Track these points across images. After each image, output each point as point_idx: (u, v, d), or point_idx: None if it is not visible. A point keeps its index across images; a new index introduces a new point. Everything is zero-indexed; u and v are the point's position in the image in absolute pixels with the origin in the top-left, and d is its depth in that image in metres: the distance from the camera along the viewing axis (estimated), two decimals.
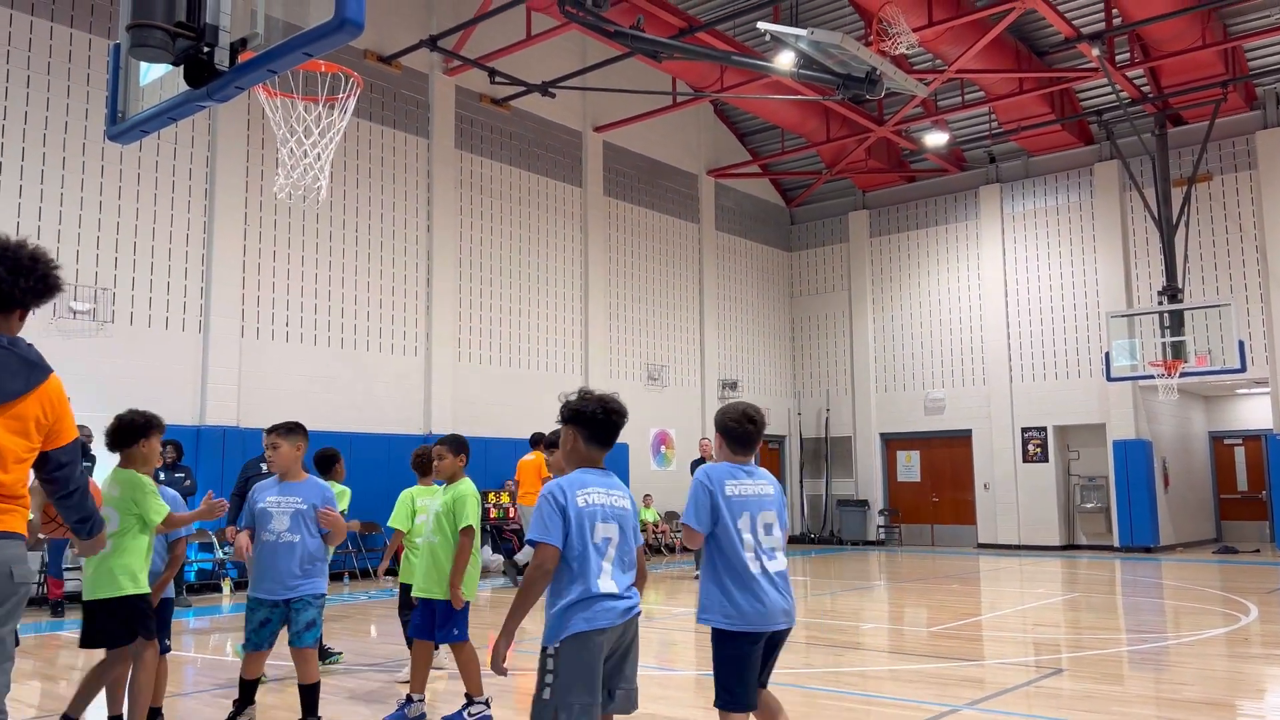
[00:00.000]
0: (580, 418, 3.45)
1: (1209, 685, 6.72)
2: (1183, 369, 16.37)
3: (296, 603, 4.96)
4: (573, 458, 3.47)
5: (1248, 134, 18.10)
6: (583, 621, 3.22)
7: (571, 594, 3.24)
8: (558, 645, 3.22)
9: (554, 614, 3.26)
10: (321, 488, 5.18)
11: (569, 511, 3.27)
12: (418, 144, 15.76)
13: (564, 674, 3.20)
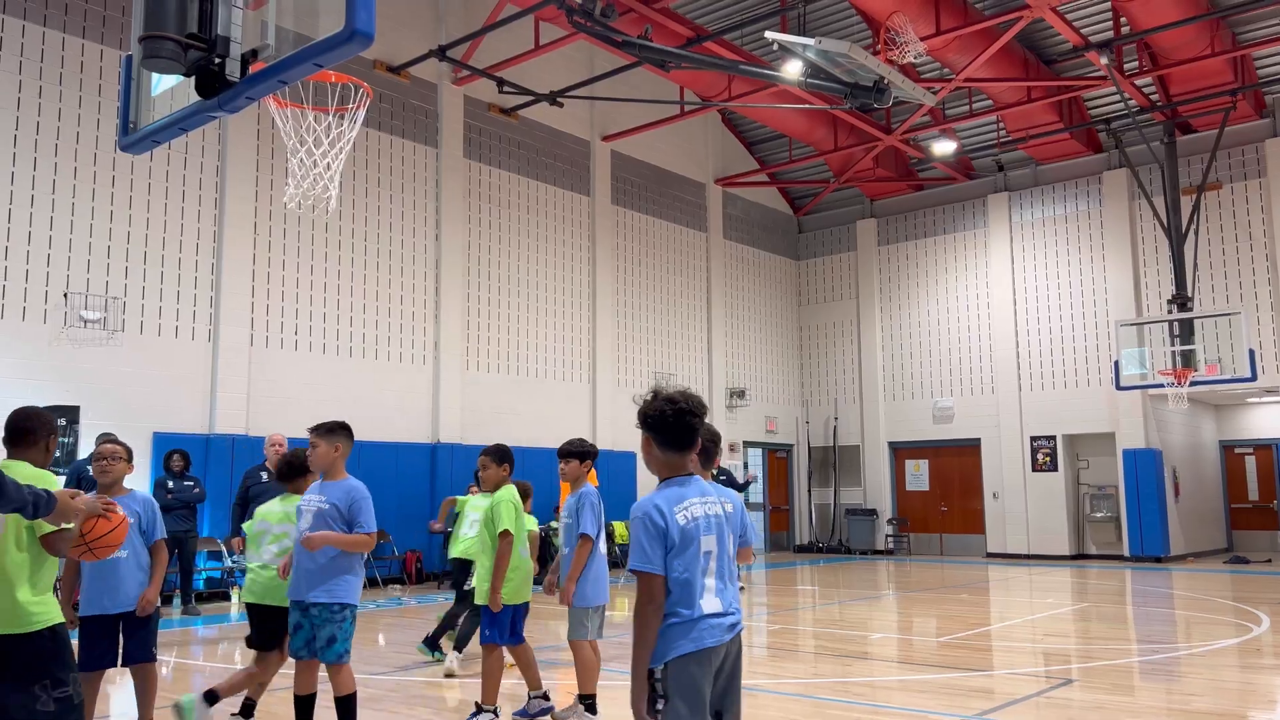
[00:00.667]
0: (648, 422, 3.18)
1: (1220, 696, 6.68)
2: (1193, 378, 16.30)
3: (316, 616, 4.85)
4: (655, 464, 3.22)
5: (1257, 142, 18.05)
6: (689, 643, 3.04)
7: (676, 617, 3.04)
8: (664, 667, 3.02)
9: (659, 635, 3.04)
10: (350, 490, 4.96)
11: (671, 533, 3.04)
12: (426, 153, 15.82)
13: (674, 699, 3.01)
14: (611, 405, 18.26)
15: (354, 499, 4.93)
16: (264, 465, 9.29)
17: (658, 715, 2.99)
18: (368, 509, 4.95)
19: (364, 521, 4.90)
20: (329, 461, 5.01)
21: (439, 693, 6.71)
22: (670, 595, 3.03)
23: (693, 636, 3.03)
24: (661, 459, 3.18)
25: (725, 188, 21.60)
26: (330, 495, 4.95)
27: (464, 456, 15.37)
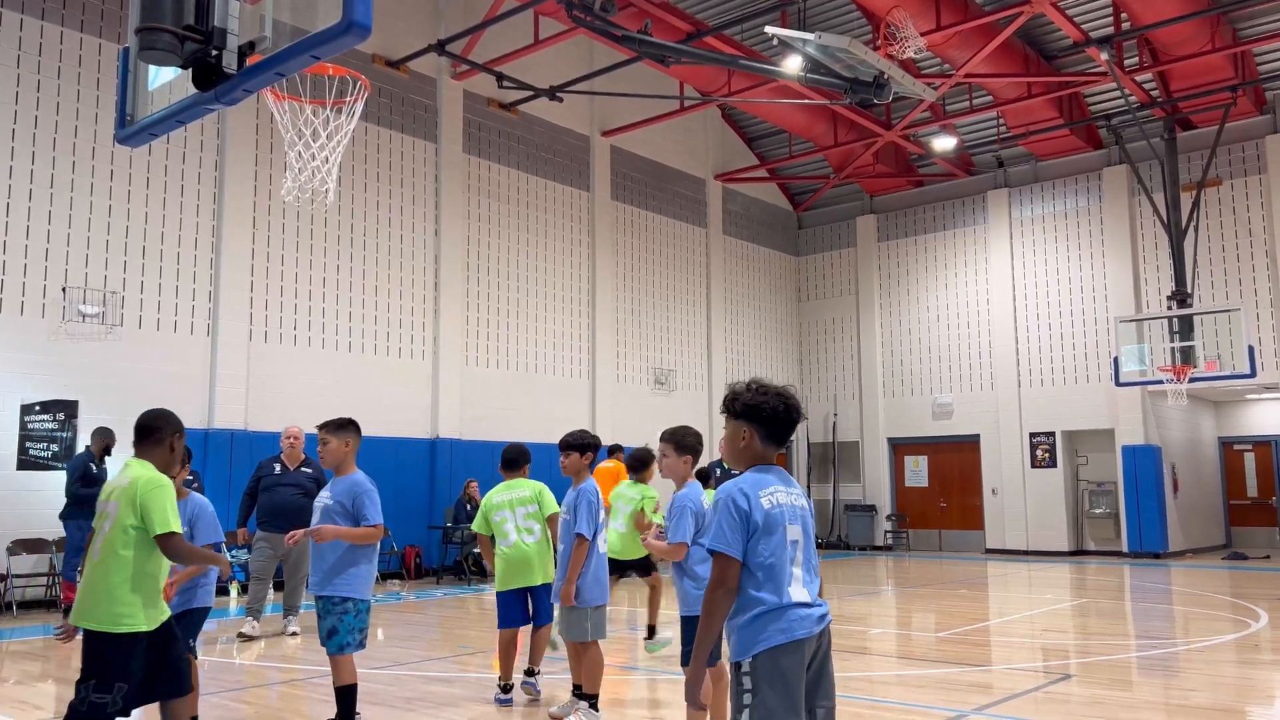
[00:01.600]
0: (759, 414, 3.14)
1: (1218, 692, 6.68)
2: (1192, 374, 16.30)
3: (321, 606, 5.01)
4: (745, 456, 3.16)
5: (1257, 138, 18.04)
6: (779, 633, 2.93)
7: (763, 604, 2.95)
8: (753, 659, 2.93)
9: (742, 624, 2.97)
10: (355, 484, 5.05)
11: (754, 516, 2.99)
12: (426, 148, 15.80)
13: (764, 691, 2.91)
14: (611, 401, 18.25)
15: (357, 493, 5.02)
16: (278, 457, 9.30)
17: (744, 711, 2.90)
18: (371, 501, 5.02)
19: (368, 515, 5.00)
20: (341, 457, 5.15)
21: (436, 689, 6.72)
22: (756, 580, 2.97)
23: (783, 627, 2.95)
24: (758, 451, 3.15)
25: (725, 183, 21.58)
26: (336, 491, 5.08)
27: (463, 452, 15.38)
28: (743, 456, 3.17)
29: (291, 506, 8.85)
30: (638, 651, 8.19)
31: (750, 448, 3.15)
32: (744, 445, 3.16)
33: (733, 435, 3.18)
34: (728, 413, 3.20)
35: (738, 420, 3.17)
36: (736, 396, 3.19)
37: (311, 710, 6.15)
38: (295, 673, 7.35)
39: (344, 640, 4.95)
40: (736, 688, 2.95)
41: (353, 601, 4.97)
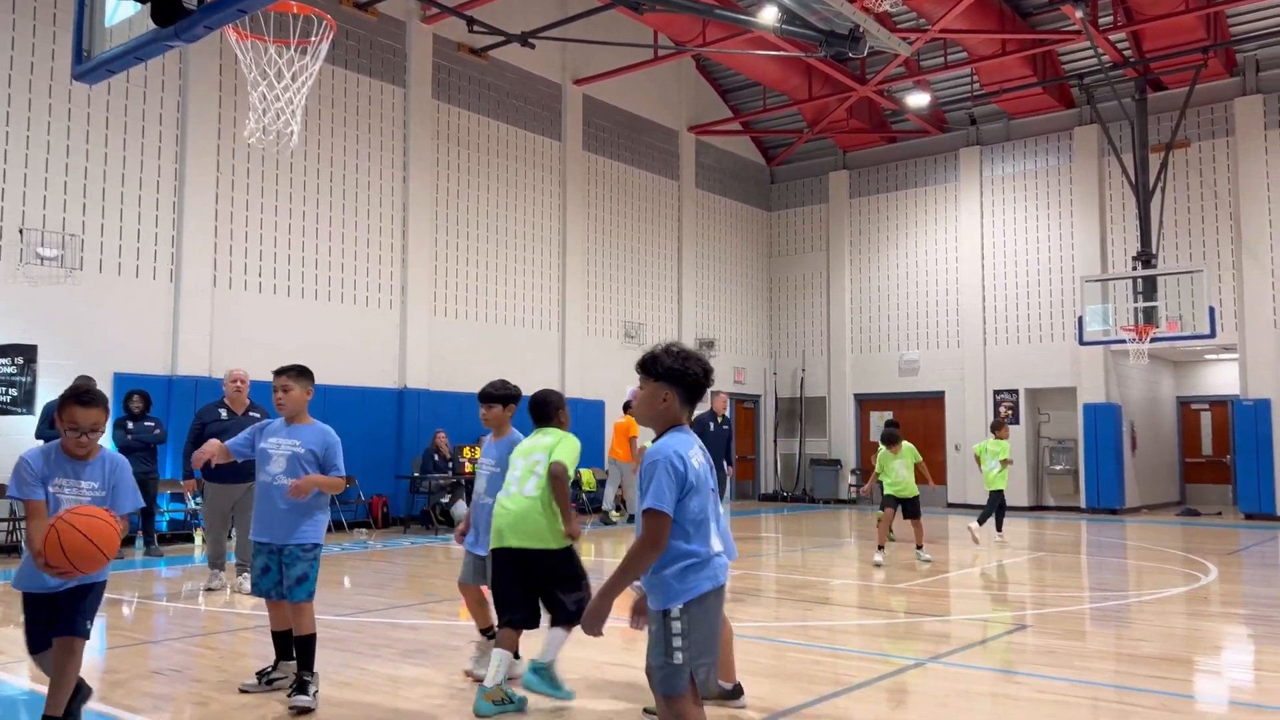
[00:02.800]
0: (682, 378, 3.30)
1: (1168, 642, 6.87)
2: (1154, 334, 16.56)
3: (287, 555, 4.91)
4: (664, 416, 3.32)
5: (1226, 100, 18.15)
6: (707, 580, 3.18)
7: (695, 556, 3.17)
8: (684, 606, 3.14)
9: (671, 575, 3.16)
10: (326, 434, 5.06)
11: (689, 476, 3.18)
12: (394, 93, 15.52)
13: (694, 633, 3.14)
14: (580, 353, 18.23)
15: (329, 442, 5.05)
16: (222, 402, 8.75)
17: (676, 653, 3.11)
18: (340, 452, 5.09)
19: (338, 465, 5.04)
20: (302, 405, 5.11)
21: (400, 634, 6.75)
22: (688, 535, 3.17)
23: (710, 574, 3.19)
24: (676, 412, 3.31)
25: (698, 136, 21.42)
26: (304, 439, 5.03)
27: (431, 402, 15.33)
28: (662, 417, 3.32)
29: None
30: None
31: (670, 409, 3.31)
32: (664, 407, 3.31)
33: (652, 396, 3.31)
34: (647, 374, 3.32)
35: (658, 382, 3.30)
36: (657, 359, 3.32)
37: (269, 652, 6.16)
38: (250, 620, 7.36)
39: (313, 587, 4.94)
40: (665, 633, 3.13)
41: (320, 547, 5.02)
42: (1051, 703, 5.13)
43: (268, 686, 5.03)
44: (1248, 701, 5.36)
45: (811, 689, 5.26)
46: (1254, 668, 6.25)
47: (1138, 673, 5.89)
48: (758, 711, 4.79)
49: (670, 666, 3.12)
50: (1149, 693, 5.32)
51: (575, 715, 4.76)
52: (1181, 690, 5.50)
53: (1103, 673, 5.89)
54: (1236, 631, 7.46)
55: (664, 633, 3.15)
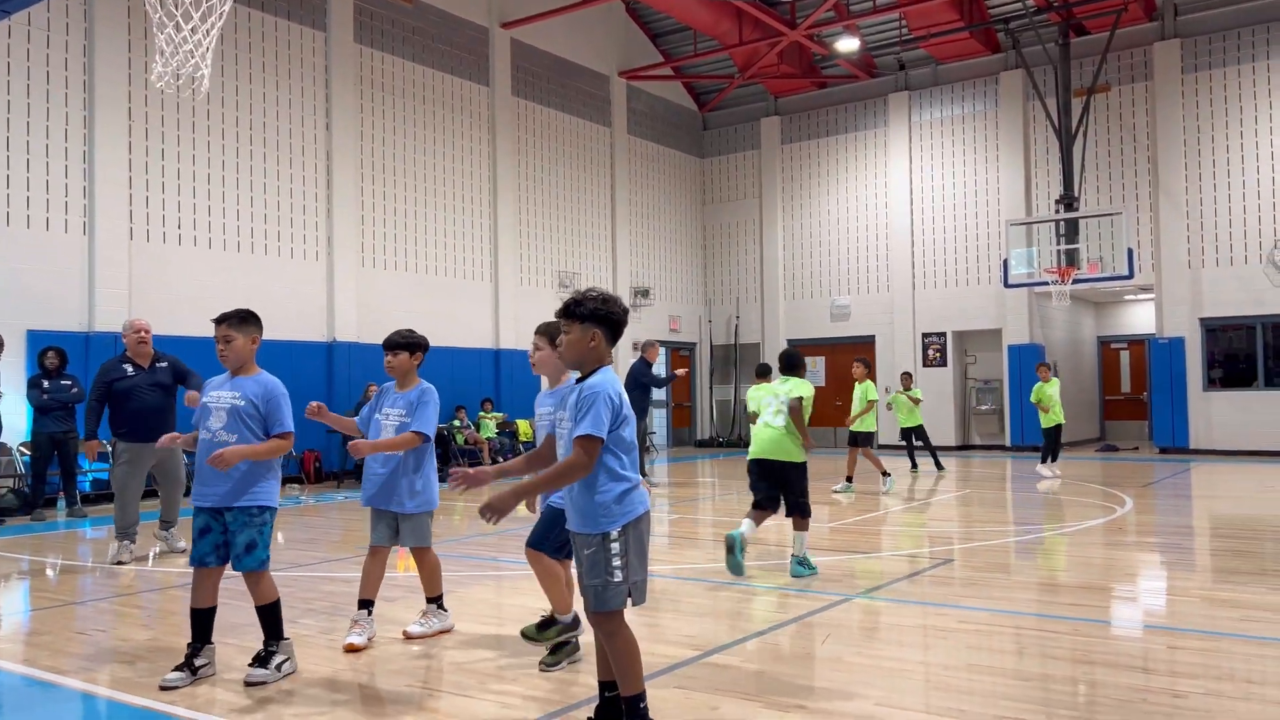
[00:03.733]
0: (608, 320, 3.54)
1: (1086, 571, 7.15)
2: (1075, 276, 16.98)
3: (232, 520, 4.47)
4: (593, 356, 3.54)
5: (1145, 45, 18.49)
6: (640, 504, 3.48)
7: (629, 482, 3.46)
8: (623, 528, 3.41)
9: (613, 500, 3.41)
10: (271, 387, 4.58)
11: (623, 410, 3.46)
12: (314, 37, 15.02)
13: (631, 554, 3.42)
14: (514, 303, 18.08)
15: (273, 396, 4.58)
16: (125, 356, 7.95)
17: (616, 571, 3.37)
18: (287, 407, 4.62)
19: (285, 421, 4.58)
20: (248, 356, 4.65)
21: (334, 588, 6.71)
22: (623, 462, 3.46)
23: (641, 498, 3.50)
24: (603, 352, 3.55)
25: (629, 81, 21.18)
26: (247, 391, 4.56)
27: (360, 355, 15.09)
28: (591, 357, 3.55)
29: (158, 409, 7.81)
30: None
31: (599, 349, 3.54)
32: (593, 346, 3.53)
33: (581, 338, 3.52)
34: (572, 318, 3.53)
35: (585, 324, 3.52)
36: (581, 303, 3.53)
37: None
38: (178, 578, 7.24)
39: (265, 555, 4.50)
40: (605, 554, 3.39)
41: (271, 510, 4.57)
42: (973, 632, 5.31)
43: (193, 677, 4.44)
44: (1159, 625, 5.61)
45: (743, 626, 5.37)
46: (1166, 593, 6.54)
47: (1056, 601, 6.12)
48: (690, 650, 4.87)
49: (610, 585, 3.38)
50: (1066, 619, 5.53)
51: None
52: (1097, 616, 5.73)
53: (1023, 602, 6.10)
54: (1150, 559, 7.78)
55: (604, 554, 3.39)
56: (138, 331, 7.95)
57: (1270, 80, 17.41)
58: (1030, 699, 4.08)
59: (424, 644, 5.11)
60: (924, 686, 4.36)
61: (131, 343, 7.97)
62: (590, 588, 3.41)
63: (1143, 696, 4.07)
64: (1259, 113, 17.50)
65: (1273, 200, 17.34)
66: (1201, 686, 4.21)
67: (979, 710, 3.97)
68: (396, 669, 4.68)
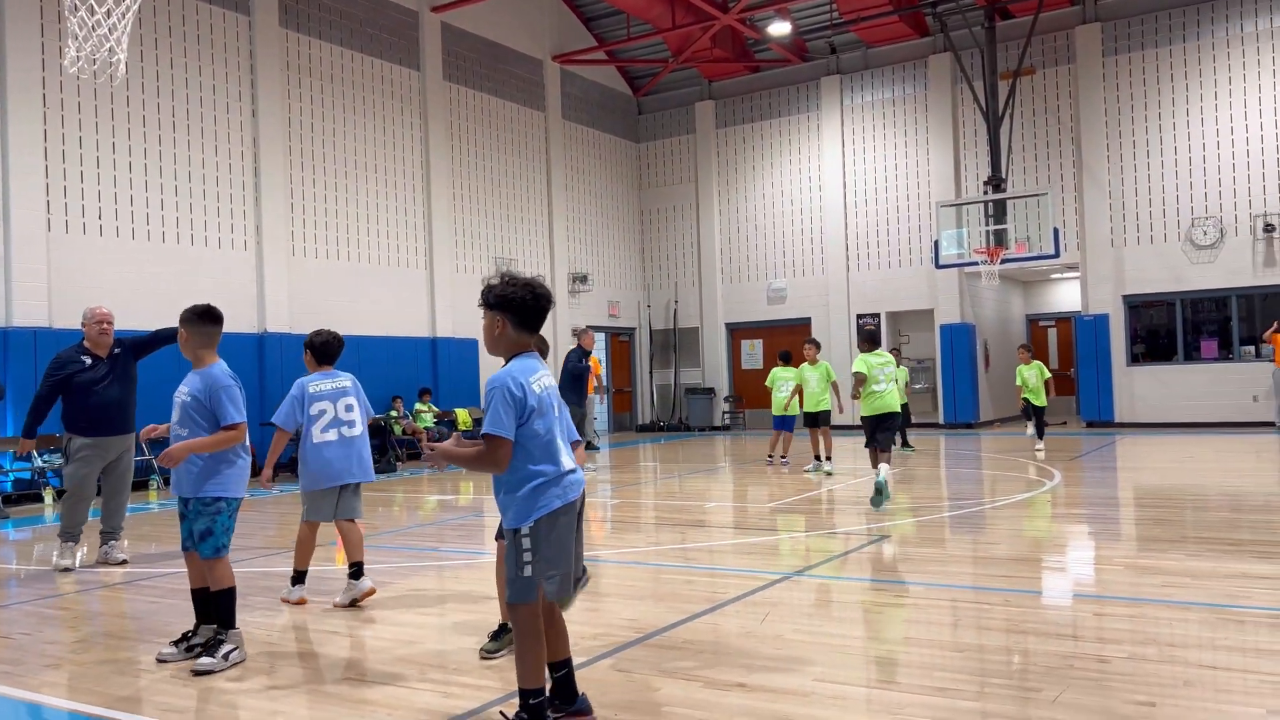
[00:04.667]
0: (510, 304, 3.46)
1: (1018, 543, 7.34)
2: (1004, 255, 17.36)
3: (191, 509, 4.67)
4: (503, 343, 3.50)
5: (1068, 29, 18.91)
6: (556, 498, 3.39)
7: (542, 475, 3.38)
8: (532, 524, 3.36)
9: (523, 496, 3.37)
10: (214, 378, 4.68)
11: (529, 401, 3.36)
12: (238, 21, 14.63)
13: (542, 549, 3.36)
14: (450, 291, 17.90)
15: (213, 390, 4.66)
16: (83, 346, 7.50)
17: (526, 567, 3.34)
18: (230, 399, 4.68)
19: (229, 413, 4.64)
20: (198, 351, 4.82)
21: (271, 582, 6.59)
22: (534, 456, 3.38)
23: (559, 492, 3.40)
24: (513, 339, 3.48)
25: (563, 65, 21.04)
26: (193, 386, 4.71)
27: (293, 346, 14.79)
28: (501, 344, 3.51)
29: (120, 402, 7.42)
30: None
31: (505, 335, 3.49)
32: (499, 333, 3.49)
33: (489, 325, 3.49)
34: (484, 304, 3.50)
35: (492, 311, 3.48)
36: (490, 289, 3.50)
37: (126, 609, 5.94)
38: (108, 578, 7.06)
39: (220, 542, 4.65)
40: (516, 550, 3.36)
41: (225, 500, 4.69)
42: (909, 606, 5.42)
43: (187, 653, 4.64)
44: (1087, 594, 5.78)
45: (684, 608, 5.41)
46: (1093, 563, 6.74)
47: (990, 573, 6.27)
48: (632, 632, 4.90)
49: (521, 579, 3.35)
50: (999, 591, 5.67)
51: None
52: (1029, 587, 5.88)
53: (958, 576, 6.24)
54: (1078, 530, 8.01)
55: (515, 549, 3.37)
56: (100, 321, 7.50)
57: (1187, 63, 17.94)
58: (964, 669, 4.18)
59: (368, 633, 5.05)
60: (861, 660, 4.44)
61: (93, 333, 7.49)
62: (506, 581, 3.45)
63: (1069, 663, 4.20)
64: (1176, 95, 18.03)
65: (1190, 180, 17.90)
66: (1125, 651, 4.35)
67: (914, 682, 4.06)
68: (336, 660, 4.63)
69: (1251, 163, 17.42)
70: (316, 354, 6.01)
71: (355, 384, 6.08)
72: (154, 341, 7.61)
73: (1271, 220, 17.14)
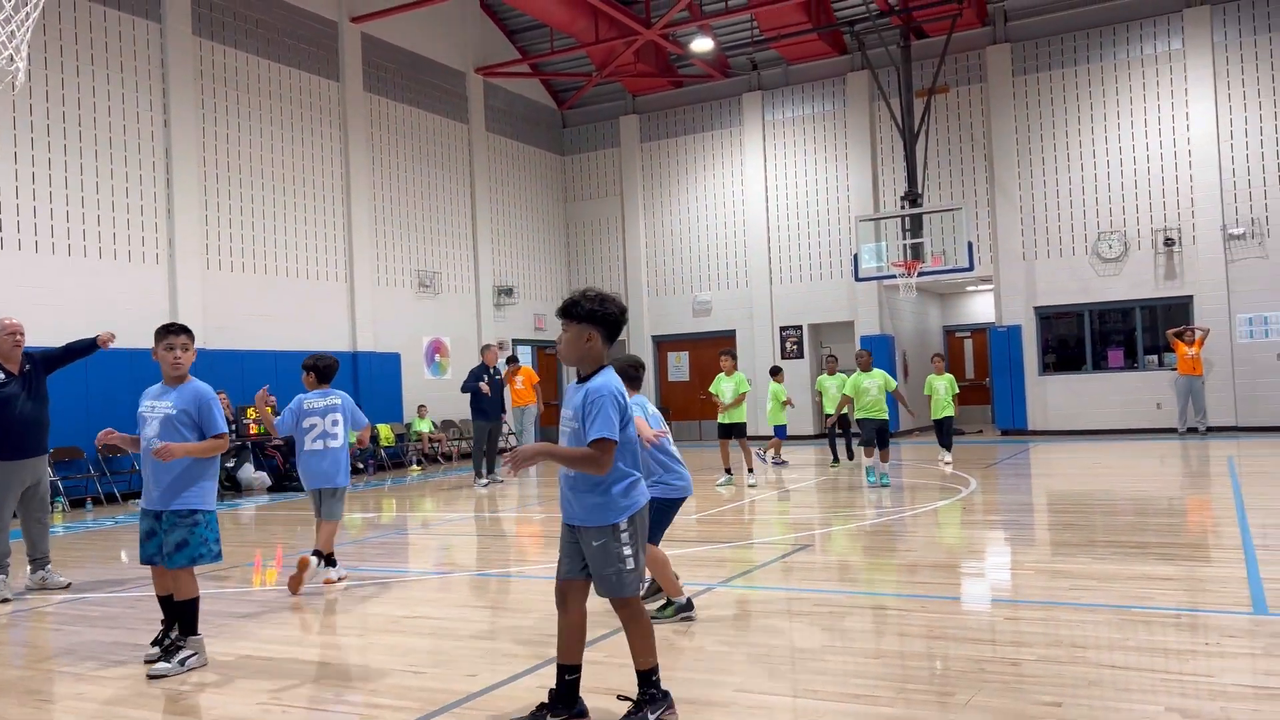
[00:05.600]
0: (602, 319, 3.67)
1: (935, 550, 7.50)
2: (920, 269, 17.78)
3: (165, 521, 4.82)
4: (590, 356, 3.69)
5: (980, 49, 19.50)
6: (643, 496, 3.72)
7: (633, 475, 3.68)
8: (629, 520, 3.65)
9: (618, 494, 3.64)
10: (199, 393, 4.92)
11: (627, 410, 3.64)
12: (148, 28, 14.25)
13: (639, 540, 3.69)
14: (371, 304, 17.64)
15: (204, 403, 4.92)
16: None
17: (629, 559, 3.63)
18: (219, 411, 4.99)
19: (219, 424, 4.93)
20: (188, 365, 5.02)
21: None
22: (627, 459, 3.66)
23: (643, 491, 3.74)
24: (601, 351, 3.70)
25: (486, 78, 20.95)
26: (179, 400, 4.90)
27: (208, 362, 14.41)
28: (588, 356, 3.70)
29: (36, 420, 6.96)
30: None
31: (594, 348, 3.69)
32: (589, 346, 3.68)
33: (576, 338, 3.68)
34: (569, 318, 3.68)
35: (581, 324, 3.67)
36: (577, 303, 3.68)
37: (32, 638, 5.70)
38: (34, 603, 6.76)
39: (196, 552, 4.83)
40: (616, 545, 3.64)
41: (202, 513, 4.87)
42: (830, 614, 5.50)
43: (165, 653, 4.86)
44: (1002, 598, 5.94)
45: (609, 621, 5.38)
46: (1008, 568, 6.92)
47: (909, 580, 6.40)
48: (554, 649, 4.86)
49: (624, 572, 3.64)
50: (918, 598, 5.78)
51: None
52: (947, 593, 6.01)
53: (878, 583, 6.35)
54: (994, 536, 8.23)
55: (615, 544, 3.63)
56: (12, 333, 6.94)
57: (1092, 83, 18.64)
58: (882, 676, 4.25)
59: (313, 651, 4.93)
60: (783, 670, 4.49)
61: (6, 345, 6.92)
62: (604, 577, 3.64)
63: (982, 667, 4.30)
64: (1082, 114, 18.72)
65: (1096, 195, 18.58)
66: (1035, 654, 4.47)
67: (834, 689, 4.11)
68: (262, 677, 4.50)
69: (1152, 179, 18.16)
70: (319, 375, 6.87)
71: (345, 401, 6.91)
72: (66, 356, 7.29)
73: (1171, 234, 17.88)
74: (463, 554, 8.50)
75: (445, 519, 10.78)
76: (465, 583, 6.96)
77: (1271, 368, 17.25)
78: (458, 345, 19.63)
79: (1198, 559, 6.69)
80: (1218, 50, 17.65)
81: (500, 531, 9.85)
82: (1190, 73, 17.81)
